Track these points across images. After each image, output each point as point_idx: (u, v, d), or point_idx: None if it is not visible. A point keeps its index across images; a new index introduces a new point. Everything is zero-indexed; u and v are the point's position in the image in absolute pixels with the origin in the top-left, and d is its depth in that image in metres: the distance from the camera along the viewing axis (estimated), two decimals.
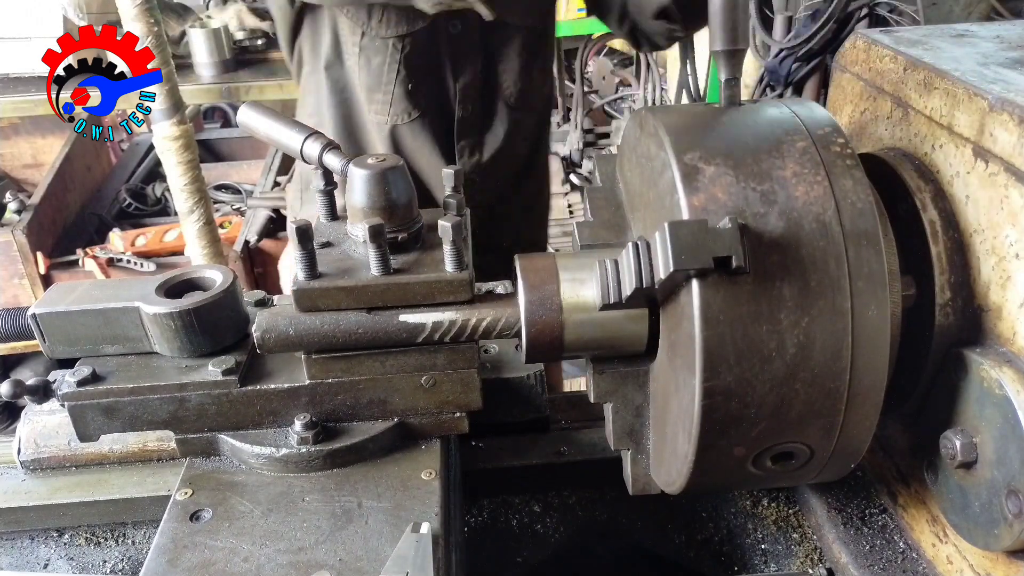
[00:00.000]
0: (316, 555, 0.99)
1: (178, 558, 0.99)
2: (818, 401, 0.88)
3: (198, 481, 1.12)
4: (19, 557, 1.29)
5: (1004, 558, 0.97)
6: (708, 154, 0.91)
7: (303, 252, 1.04)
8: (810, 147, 0.92)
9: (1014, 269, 0.91)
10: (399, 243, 1.11)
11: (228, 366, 1.11)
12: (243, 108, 1.29)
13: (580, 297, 1.02)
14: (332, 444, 1.12)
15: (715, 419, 0.88)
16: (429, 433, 1.17)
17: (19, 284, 3.55)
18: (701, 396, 0.86)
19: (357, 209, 1.11)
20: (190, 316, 1.12)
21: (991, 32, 1.18)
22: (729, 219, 0.84)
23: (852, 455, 0.96)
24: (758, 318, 0.85)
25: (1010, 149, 0.90)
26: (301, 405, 1.13)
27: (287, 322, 1.06)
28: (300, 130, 1.22)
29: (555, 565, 1.39)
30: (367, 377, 1.12)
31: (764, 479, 1.00)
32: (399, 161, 1.12)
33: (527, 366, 1.35)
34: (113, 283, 1.21)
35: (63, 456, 1.31)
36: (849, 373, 0.87)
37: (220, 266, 1.23)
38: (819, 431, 0.91)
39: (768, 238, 0.86)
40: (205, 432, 1.14)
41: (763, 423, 0.89)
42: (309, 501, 1.07)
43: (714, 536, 1.39)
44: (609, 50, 6.29)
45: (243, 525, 1.04)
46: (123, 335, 1.16)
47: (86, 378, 1.11)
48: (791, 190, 0.89)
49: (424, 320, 1.07)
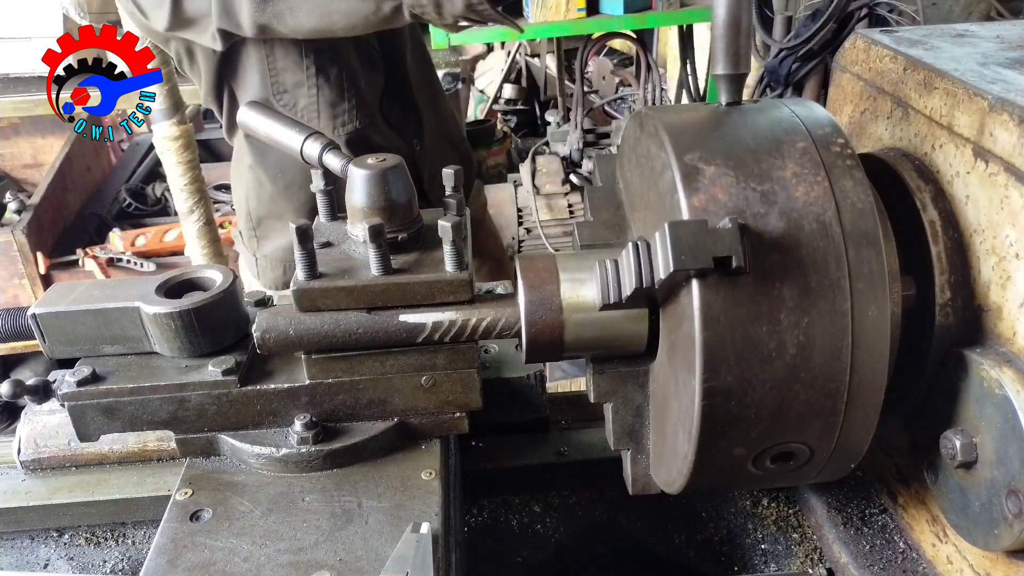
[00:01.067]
0: (316, 555, 0.99)
1: (178, 558, 0.99)
2: (818, 401, 0.88)
3: (198, 481, 1.12)
4: (19, 557, 1.29)
5: (1004, 558, 0.97)
6: (708, 154, 0.91)
7: (303, 252, 1.03)
8: (810, 147, 0.92)
9: (1014, 269, 0.91)
10: (399, 243, 1.11)
11: (228, 366, 1.11)
12: (243, 108, 1.29)
13: (580, 297, 1.02)
14: (332, 444, 1.12)
15: (715, 419, 0.88)
16: (429, 433, 1.17)
17: (19, 284, 3.55)
18: (701, 396, 0.86)
19: (357, 209, 1.11)
20: (190, 316, 1.12)
21: (991, 32, 1.18)
22: (729, 219, 0.84)
23: (852, 455, 0.96)
24: (758, 318, 0.85)
25: (1010, 149, 0.90)
26: (301, 405, 1.13)
27: (287, 322, 1.06)
28: (300, 130, 1.22)
29: (555, 565, 1.40)
30: (367, 377, 1.12)
31: (764, 479, 1.00)
32: (399, 161, 1.12)
33: (527, 366, 1.35)
34: (113, 283, 1.21)
35: (63, 456, 1.31)
36: (849, 373, 0.87)
37: (220, 266, 1.23)
38: (819, 431, 0.91)
39: (768, 238, 0.86)
40: (205, 432, 1.14)
41: (763, 423, 0.89)
42: (309, 501, 1.07)
43: (714, 536, 1.39)
44: (609, 50, 6.30)
45: (243, 525, 1.04)
46: (123, 335, 1.16)
47: (86, 378, 1.11)
48: (791, 190, 0.89)
49: (424, 320, 1.06)
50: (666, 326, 0.98)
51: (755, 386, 0.87)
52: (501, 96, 6.14)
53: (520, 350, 1.38)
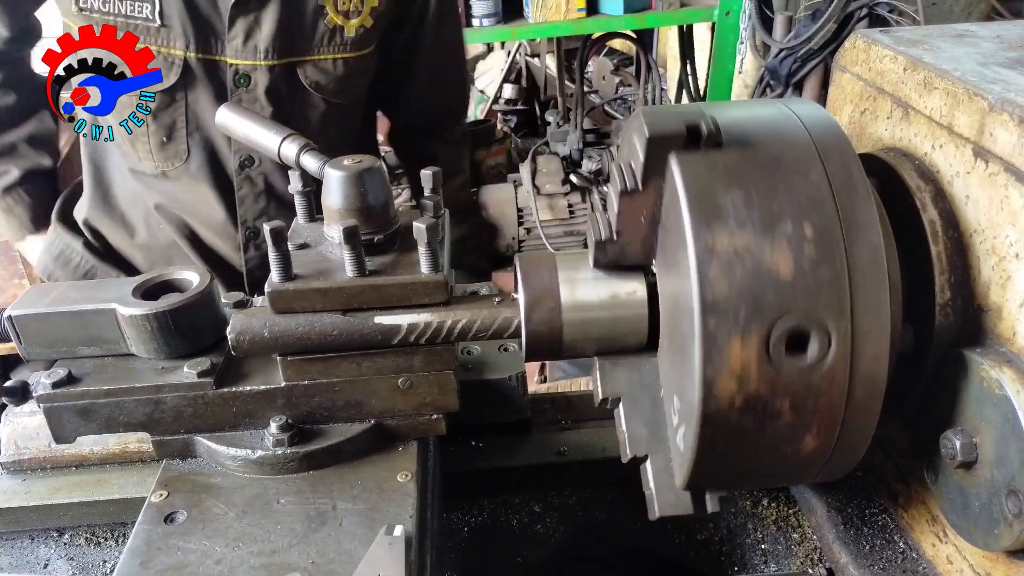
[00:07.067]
0: (289, 557, 0.99)
1: (150, 560, 0.99)
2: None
3: (174, 483, 1.11)
4: (19, 557, 1.29)
5: (1004, 558, 0.97)
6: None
7: (277, 254, 1.02)
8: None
9: (1014, 269, 0.91)
10: (375, 245, 1.10)
11: (204, 368, 1.11)
12: (221, 109, 1.28)
13: (580, 296, 1.02)
14: (308, 446, 1.11)
15: (716, 300, 0.82)
16: (406, 435, 1.17)
17: (19, 284, 3.55)
18: (695, 253, 0.83)
19: (333, 211, 1.10)
20: (165, 318, 1.11)
21: (991, 32, 1.18)
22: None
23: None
24: (739, 179, 0.87)
25: (1010, 149, 0.90)
26: (277, 407, 1.12)
27: (262, 324, 1.05)
28: (278, 131, 1.21)
29: (555, 565, 1.40)
30: (343, 379, 1.11)
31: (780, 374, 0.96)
32: (376, 162, 1.11)
33: (509, 368, 1.36)
34: (91, 284, 1.20)
35: (44, 457, 1.31)
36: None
37: (197, 267, 1.22)
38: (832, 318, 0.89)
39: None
40: (181, 434, 1.13)
41: (767, 294, 0.85)
42: (284, 503, 1.07)
43: (714, 536, 1.39)
44: (609, 50, 6.30)
45: (217, 527, 1.03)
46: (100, 337, 1.15)
47: (61, 380, 1.10)
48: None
49: (399, 322, 1.06)
50: (661, 271, 0.97)
51: (751, 249, 0.83)
52: (501, 96, 6.14)
53: (504, 351, 1.39)
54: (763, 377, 0.84)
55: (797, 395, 0.85)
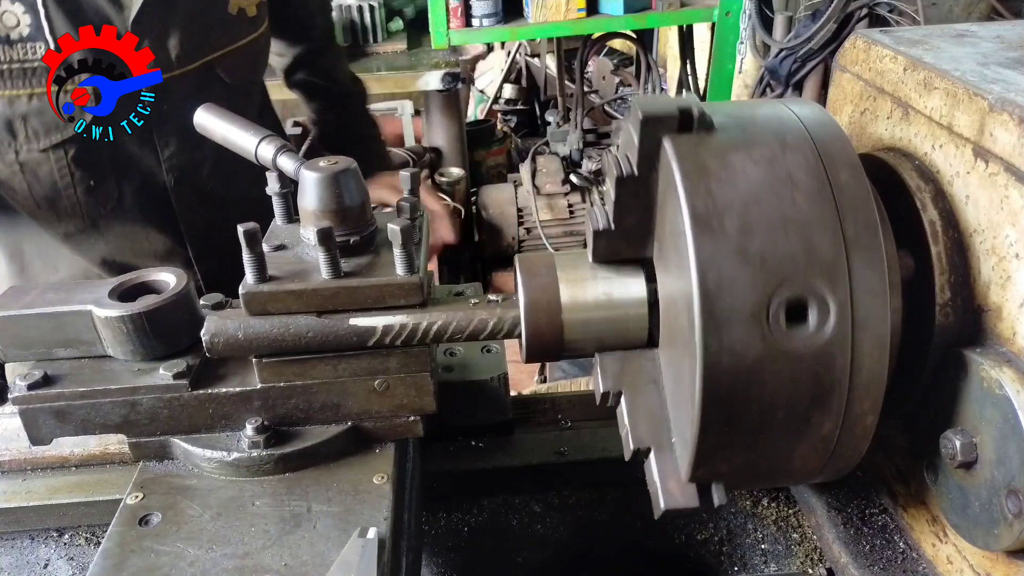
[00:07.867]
0: (262, 560, 0.98)
1: (123, 563, 0.98)
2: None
3: (150, 485, 1.10)
4: (19, 557, 1.30)
5: (1004, 558, 0.97)
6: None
7: (251, 255, 1.02)
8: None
9: (1014, 269, 0.91)
10: (351, 246, 1.09)
11: (179, 369, 1.10)
12: (199, 110, 1.27)
13: (580, 295, 1.02)
14: (284, 448, 1.10)
15: (714, 265, 0.82)
16: (383, 437, 1.16)
17: None
18: (690, 215, 0.84)
19: (308, 212, 1.10)
20: (141, 319, 1.11)
21: (991, 32, 1.18)
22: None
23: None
24: (733, 150, 0.88)
25: (1010, 149, 0.90)
26: (253, 409, 1.12)
27: (236, 326, 1.05)
28: (255, 132, 1.20)
29: (555, 565, 1.40)
30: (319, 381, 1.11)
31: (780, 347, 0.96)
32: (351, 164, 1.10)
33: (491, 369, 1.36)
34: (69, 285, 1.19)
35: (24, 459, 1.30)
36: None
37: (174, 269, 1.21)
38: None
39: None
40: (158, 436, 1.13)
41: (767, 263, 0.86)
42: (259, 505, 1.06)
43: (714, 536, 1.39)
44: (609, 50, 6.31)
45: (191, 529, 1.03)
46: (76, 339, 1.14)
47: (37, 382, 1.10)
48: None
49: (374, 323, 1.05)
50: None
51: (749, 227, 0.84)
52: (501, 96, 6.15)
53: (487, 352, 1.39)
54: (764, 351, 0.83)
55: (799, 368, 0.84)
